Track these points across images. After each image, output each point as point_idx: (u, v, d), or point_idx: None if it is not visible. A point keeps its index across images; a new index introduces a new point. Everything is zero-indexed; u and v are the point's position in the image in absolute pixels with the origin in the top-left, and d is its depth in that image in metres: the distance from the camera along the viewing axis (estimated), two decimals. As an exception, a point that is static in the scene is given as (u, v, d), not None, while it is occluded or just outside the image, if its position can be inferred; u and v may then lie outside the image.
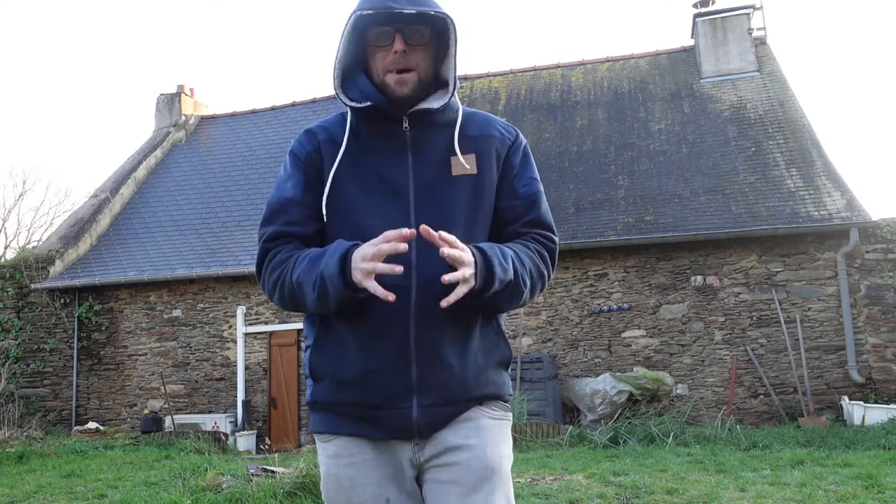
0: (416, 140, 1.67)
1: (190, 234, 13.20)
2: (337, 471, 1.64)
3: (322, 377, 1.65)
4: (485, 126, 1.74)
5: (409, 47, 1.62)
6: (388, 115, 1.66)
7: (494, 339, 1.69)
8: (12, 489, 6.82)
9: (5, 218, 27.47)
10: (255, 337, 11.89)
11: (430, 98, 1.67)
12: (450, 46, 1.66)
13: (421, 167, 1.65)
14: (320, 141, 1.70)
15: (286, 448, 10.68)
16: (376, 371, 1.59)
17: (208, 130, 16.48)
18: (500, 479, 1.61)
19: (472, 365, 1.63)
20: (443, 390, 1.60)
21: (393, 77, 1.62)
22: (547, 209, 1.76)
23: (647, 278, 10.55)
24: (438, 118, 1.68)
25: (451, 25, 1.63)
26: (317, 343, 1.67)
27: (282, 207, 1.68)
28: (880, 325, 9.77)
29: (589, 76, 14.57)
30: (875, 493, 5.30)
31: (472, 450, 1.61)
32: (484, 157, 1.69)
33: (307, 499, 5.07)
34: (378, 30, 1.62)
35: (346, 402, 1.62)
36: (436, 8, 1.61)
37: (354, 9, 1.62)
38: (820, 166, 10.88)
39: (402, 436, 1.61)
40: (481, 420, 1.65)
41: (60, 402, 12.52)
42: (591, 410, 9.74)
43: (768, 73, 13.27)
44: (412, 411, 1.58)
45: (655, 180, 11.47)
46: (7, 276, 12.92)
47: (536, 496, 5.51)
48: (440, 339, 1.59)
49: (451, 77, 1.67)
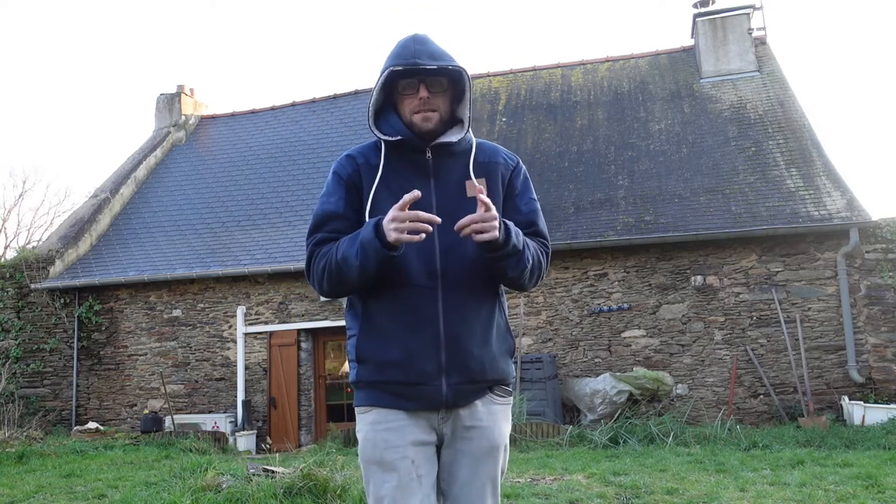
0: (437, 167, 2.08)
1: (190, 234, 13.20)
2: (375, 434, 2.02)
3: (367, 360, 2.03)
4: (492, 154, 2.17)
5: (431, 94, 2.03)
6: (414, 146, 2.06)
7: (503, 331, 2.11)
8: (12, 489, 6.81)
9: (5, 218, 27.46)
10: (255, 337, 11.89)
11: (448, 133, 2.09)
12: (465, 91, 2.08)
13: (441, 189, 2.06)
14: (359, 164, 2.09)
15: (286, 448, 10.68)
16: (413, 356, 1.98)
17: (208, 130, 16.48)
18: (500, 452, 2.10)
19: (488, 352, 2.04)
20: (466, 371, 2.01)
21: (419, 116, 2.03)
22: (544, 223, 2.19)
23: (647, 278, 10.55)
24: (455, 148, 2.09)
25: (466, 76, 2.05)
26: (362, 332, 2.05)
27: (327, 219, 2.07)
28: (880, 325, 9.77)
29: (589, 76, 14.57)
30: (875, 493, 5.30)
31: (484, 430, 2.06)
32: (491, 181, 2.10)
33: (307, 499, 5.07)
34: (406, 81, 2.04)
35: (387, 381, 2.01)
36: (452, 63, 2.02)
37: (386, 64, 2.03)
38: (820, 166, 10.88)
39: (432, 407, 2.01)
40: (492, 405, 2.09)
41: (60, 402, 12.52)
42: (591, 410, 9.73)
43: (768, 73, 13.27)
44: (442, 387, 1.99)
45: (655, 180, 11.47)
46: (7, 276, 12.92)
47: (536, 496, 5.51)
48: (464, 332, 2.00)
49: (466, 116, 2.09)
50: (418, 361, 1.98)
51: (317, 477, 5.23)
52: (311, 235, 2.07)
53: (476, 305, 2.02)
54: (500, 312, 2.10)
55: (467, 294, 2.01)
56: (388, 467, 1.98)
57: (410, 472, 1.98)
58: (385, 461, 1.99)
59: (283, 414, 11.54)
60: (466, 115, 2.09)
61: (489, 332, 2.05)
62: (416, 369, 1.98)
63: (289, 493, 5.09)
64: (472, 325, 2.01)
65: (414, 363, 1.98)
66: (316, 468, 5.39)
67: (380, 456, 1.99)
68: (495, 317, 2.07)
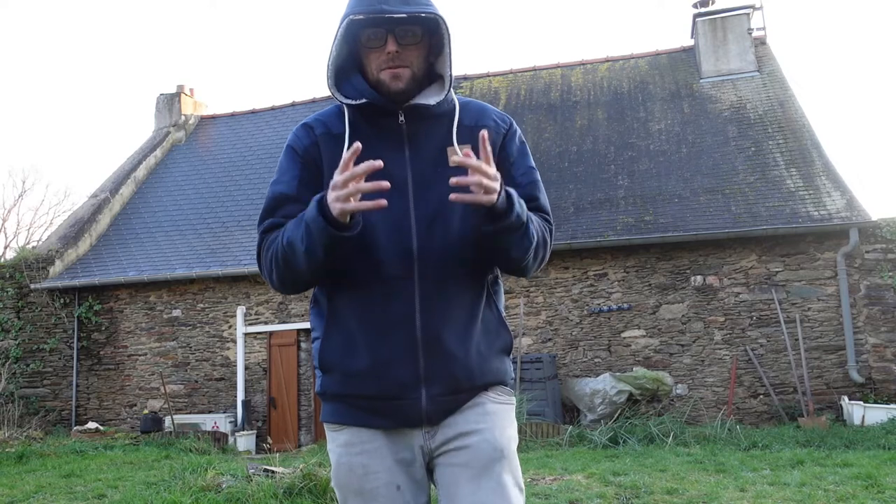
0: (413, 133, 1.70)
1: (190, 234, 13.20)
2: (349, 459, 1.68)
3: (331, 369, 1.69)
4: (479, 116, 1.77)
5: (401, 47, 1.66)
6: (383, 110, 1.69)
7: (495, 326, 1.74)
8: (12, 489, 6.82)
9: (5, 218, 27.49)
10: (255, 337, 11.89)
11: (425, 92, 1.71)
12: (444, 45, 1.69)
13: (418, 161, 1.69)
14: (318, 135, 1.73)
15: (286, 448, 10.68)
16: (385, 364, 1.63)
17: (208, 130, 16.48)
18: (508, 459, 1.68)
19: (475, 354, 1.68)
20: (449, 380, 1.65)
21: (387, 73, 1.66)
22: (545, 196, 1.81)
23: (646, 278, 10.55)
24: (434, 111, 1.71)
25: (443, 24, 1.66)
26: (326, 335, 1.70)
27: (278, 203, 1.72)
28: (880, 325, 9.77)
29: (589, 76, 14.56)
30: (875, 493, 5.30)
31: (481, 433, 1.67)
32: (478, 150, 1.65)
33: (307, 499, 5.07)
34: (370, 31, 1.65)
35: (355, 394, 1.67)
36: (427, 8, 1.63)
37: (346, 11, 1.64)
38: (820, 166, 10.88)
39: (412, 424, 1.66)
40: (488, 405, 1.70)
41: (60, 402, 12.52)
42: (591, 410, 9.74)
43: (768, 73, 13.27)
44: (421, 401, 1.64)
45: (655, 180, 11.47)
46: (7, 276, 12.92)
47: (536, 496, 5.51)
48: (445, 332, 1.64)
49: (446, 73, 1.70)
50: (391, 370, 1.63)
51: (317, 477, 5.23)
52: (260, 222, 1.73)
53: (462, 297, 1.66)
54: (492, 303, 1.74)
55: (451, 283, 1.64)
56: (369, 496, 1.67)
57: (396, 499, 1.67)
58: (365, 490, 1.67)
59: (283, 414, 11.54)
60: (447, 71, 1.70)
61: (475, 329, 1.69)
62: (389, 380, 1.63)
63: (289, 493, 5.10)
64: (456, 321, 1.66)
65: (386, 373, 1.63)
66: (316, 468, 5.39)
67: (358, 485, 1.67)
68: (486, 309, 1.72)
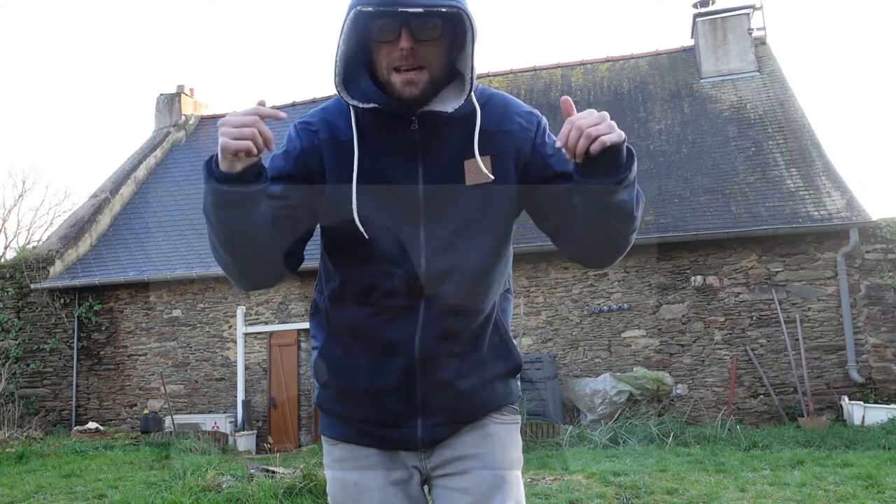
0: (426, 142, 1.50)
1: (190, 234, 13.19)
2: (343, 475, 1.62)
3: (327, 385, 1.62)
4: (502, 119, 1.57)
5: (417, 43, 1.42)
6: (395, 114, 1.49)
7: (501, 349, 1.62)
8: (12, 489, 6.82)
9: (5, 218, 27.47)
10: (255, 337, 11.89)
11: (442, 94, 1.50)
12: (466, 43, 1.46)
13: (432, 174, 1.49)
14: (321, 140, 1.55)
15: (286, 448, 10.68)
16: (382, 391, 1.54)
17: (208, 130, 16.46)
18: (510, 486, 1.58)
19: (477, 383, 1.57)
20: (449, 412, 1.56)
21: (399, 77, 1.44)
22: None
23: (647, 278, 10.55)
24: (452, 115, 1.50)
25: (467, 18, 1.41)
26: (325, 347, 1.61)
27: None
28: (880, 325, 9.77)
29: (589, 76, 14.56)
30: (875, 493, 5.31)
31: (481, 458, 1.57)
32: (499, 160, 1.52)
33: (307, 499, 5.07)
34: (381, 22, 1.42)
35: (349, 416, 1.60)
36: (448, 2, 1.38)
37: (353, 1, 1.41)
38: (820, 166, 10.88)
39: (407, 448, 1.59)
40: (489, 426, 1.60)
41: (60, 402, 12.51)
42: (591, 410, 9.74)
43: (768, 73, 13.27)
44: (417, 430, 1.56)
45: (655, 180, 11.47)
46: (7, 276, 12.92)
47: (536, 496, 5.51)
48: (446, 360, 1.53)
49: (467, 74, 1.48)
50: (387, 397, 1.54)
51: (317, 477, 5.23)
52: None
53: (467, 324, 1.54)
54: (499, 325, 1.62)
55: (458, 311, 1.52)
56: None
57: None
58: None
59: (283, 414, 11.54)
60: (469, 73, 1.47)
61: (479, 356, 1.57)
62: (384, 407, 1.55)
63: (289, 493, 5.10)
64: (459, 347, 1.54)
65: (382, 399, 1.54)
66: (316, 468, 5.40)
67: (352, 502, 1.61)
68: (493, 331, 1.60)
